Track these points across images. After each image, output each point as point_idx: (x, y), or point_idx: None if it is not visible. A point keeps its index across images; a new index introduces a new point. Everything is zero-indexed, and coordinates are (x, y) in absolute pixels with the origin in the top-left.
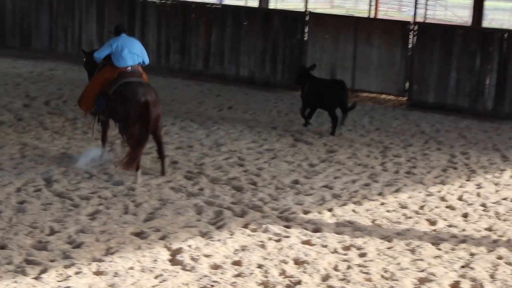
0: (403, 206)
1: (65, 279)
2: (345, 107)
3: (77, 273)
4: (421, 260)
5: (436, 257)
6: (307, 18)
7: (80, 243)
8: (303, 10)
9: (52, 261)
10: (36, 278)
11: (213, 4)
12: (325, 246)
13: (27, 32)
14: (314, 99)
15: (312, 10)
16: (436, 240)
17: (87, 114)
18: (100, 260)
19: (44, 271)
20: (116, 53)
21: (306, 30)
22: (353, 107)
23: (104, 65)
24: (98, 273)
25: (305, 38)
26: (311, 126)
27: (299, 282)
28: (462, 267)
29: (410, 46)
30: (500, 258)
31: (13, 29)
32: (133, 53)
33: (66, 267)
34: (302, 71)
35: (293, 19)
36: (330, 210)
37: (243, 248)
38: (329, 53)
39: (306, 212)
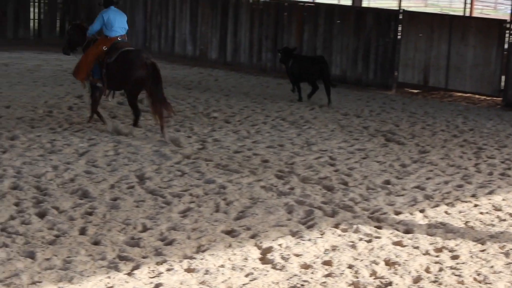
0: (497, 209)
1: (157, 276)
2: (328, 80)
3: (168, 270)
4: None
5: None
6: (400, 16)
7: (172, 240)
8: (396, 8)
9: (144, 257)
10: (129, 274)
11: (306, 2)
12: (416, 248)
13: None
14: (298, 73)
15: (405, 9)
16: None
17: (84, 83)
18: (191, 258)
19: (136, 267)
20: (108, 24)
21: (400, 28)
22: (334, 85)
23: (96, 39)
24: (189, 270)
25: (399, 37)
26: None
27: (390, 283)
28: None
29: (506, 45)
30: None
31: None
32: (122, 25)
33: (158, 263)
34: (286, 51)
35: (387, 18)
36: (422, 211)
37: (334, 248)
38: (422, 52)
39: (397, 213)
